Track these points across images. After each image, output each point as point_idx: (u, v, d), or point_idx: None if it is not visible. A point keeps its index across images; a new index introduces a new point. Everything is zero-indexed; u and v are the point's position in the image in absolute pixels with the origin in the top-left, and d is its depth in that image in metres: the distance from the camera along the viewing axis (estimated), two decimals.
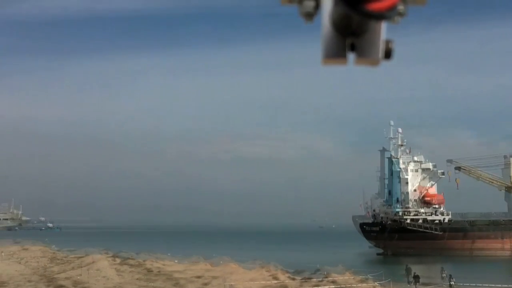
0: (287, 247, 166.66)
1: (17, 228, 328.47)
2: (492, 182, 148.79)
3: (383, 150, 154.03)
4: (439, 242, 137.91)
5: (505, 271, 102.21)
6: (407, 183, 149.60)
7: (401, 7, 2.38)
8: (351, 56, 2.51)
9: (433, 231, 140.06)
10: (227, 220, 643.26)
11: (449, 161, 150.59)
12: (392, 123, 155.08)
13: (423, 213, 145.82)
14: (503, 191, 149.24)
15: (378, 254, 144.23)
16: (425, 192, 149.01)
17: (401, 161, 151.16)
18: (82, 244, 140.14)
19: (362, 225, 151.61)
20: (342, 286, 45.44)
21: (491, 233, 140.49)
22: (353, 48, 2.48)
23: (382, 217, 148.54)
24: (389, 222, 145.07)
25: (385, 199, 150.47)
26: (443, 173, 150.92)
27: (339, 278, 48.81)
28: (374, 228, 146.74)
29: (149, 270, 61.92)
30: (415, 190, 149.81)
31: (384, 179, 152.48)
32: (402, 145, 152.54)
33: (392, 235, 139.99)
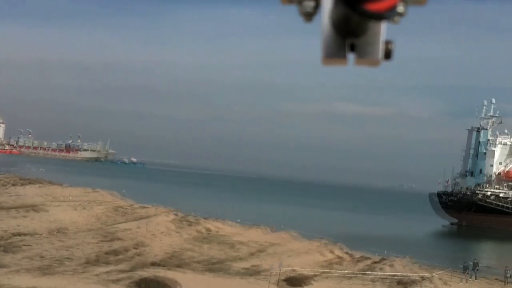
0: (362, 209, 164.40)
1: (102, 159, 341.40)
2: None
3: (472, 130, 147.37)
4: None
5: None
6: (493, 157, 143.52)
7: (401, 7, 2.30)
8: (351, 56, 2.43)
9: (510, 210, 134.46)
10: (317, 174, 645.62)
11: None
12: (493, 100, 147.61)
13: (505, 187, 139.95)
14: None
15: (451, 224, 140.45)
16: (510, 167, 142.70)
17: (489, 132, 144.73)
18: (158, 186, 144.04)
19: (439, 194, 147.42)
20: (398, 274, 43.28)
21: None
22: (353, 48, 2.43)
23: (461, 188, 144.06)
24: (468, 193, 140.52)
25: (475, 179, 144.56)
26: None
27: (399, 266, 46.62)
28: (452, 198, 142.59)
29: (208, 230, 61.52)
30: (500, 163, 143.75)
31: (472, 158, 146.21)
32: (493, 117, 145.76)
33: (470, 207, 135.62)
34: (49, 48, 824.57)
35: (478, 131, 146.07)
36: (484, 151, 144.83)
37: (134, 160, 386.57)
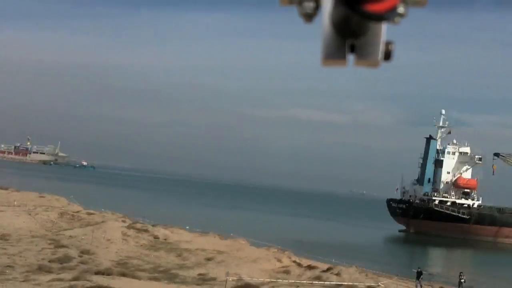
0: (318, 215, 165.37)
1: (52, 163, 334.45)
2: None
3: (429, 138, 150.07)
4: (464, 226, 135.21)
5: None
6: (448, 172, 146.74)
7: (401, 8, 2.32)
8: (351, 57, 2.45)
9: (459, 215, 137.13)
10: (277, 180, 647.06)
11: (496, 154, 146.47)
12: (443, 111, 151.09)
13: (453, 195, 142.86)
14: None
15: (400, 231, 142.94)
16: (458, 175, 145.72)
17: (447, 150, 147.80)
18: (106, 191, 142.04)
19: (389, 201, 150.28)
20: (344, 284, 43.48)
21: None
22: (353, 49, 2.43)
23: (410, 196, 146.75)
24: (416, 201, 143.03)
25: (424, 187, 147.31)
26: (480, 159, 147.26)
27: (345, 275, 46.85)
28: (400, 205, 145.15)
29: (156, 237, 60.77)
30: (448, 173, 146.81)
31: (426, 166, 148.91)
32: (443, 127, 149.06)
33: (418, 214, 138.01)
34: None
35: (432, 139, 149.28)
36: (434, 160, 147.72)
37: (85, 163, 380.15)
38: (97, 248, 53.32)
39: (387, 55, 2.44)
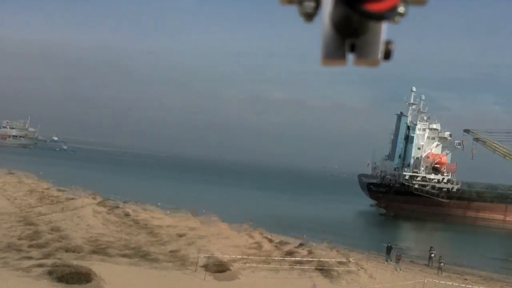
0: (288, 195, 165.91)
1: (31, 146, 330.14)
2: (505, 157, 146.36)
3: (401, 115, 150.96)
4: (443, 209, 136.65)
5: (501, 246, 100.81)
6: (419, 148, 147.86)
7: (401, 8, 2.30)
8: (350, 56, 2.43)
9: (438, 198, 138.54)
10: (239, 156, 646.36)
11: (466, 131, 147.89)
12: (414, 89, 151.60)
13: (432, 179, 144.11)
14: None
15: (380, 214, 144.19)
16: (437, 159, 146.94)
17: (417, 127, 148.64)
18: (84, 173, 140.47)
19: (368, 185, 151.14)
20: (315, 260, 43.74)
21: (496, 205, 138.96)
22: (353, 48, 2.42)
23: (390, 179, 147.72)
24: (396, 185, 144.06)
25: (395, 163, 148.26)
26: (459, 144, 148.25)
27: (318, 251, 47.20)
28: (381, 189, 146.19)
29: (127, 215, 60.38)
30: (428, 157, 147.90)
31: (397, 142, 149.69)
32: (422, 112, 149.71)
33: (397, 198, 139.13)
34: None
35: (407, 124, 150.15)
36: (405, 136, 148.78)
37: (65, 147, 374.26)
38: (67, 226, 52.80)
39: (387, 55, 2.42)
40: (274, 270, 43.36)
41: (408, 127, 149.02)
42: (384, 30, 2.37)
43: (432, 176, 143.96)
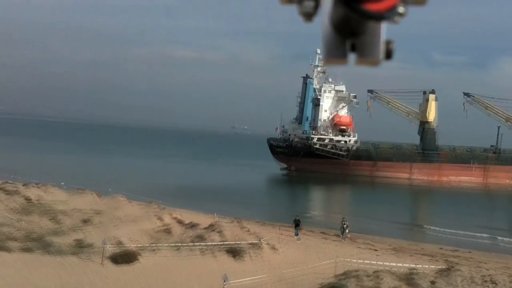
0: (200, 161, 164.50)
1: None
2: (408, 115, 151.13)
3: (306, 77, 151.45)
4: (344, 168, 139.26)
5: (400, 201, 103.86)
6: (326, 111, 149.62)
7: (401, 8, 2.31)
8: (351, 56, 2.44)
9: (339, 158, 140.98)
10: (145, 117, 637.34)
11: (370, 91, 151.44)
12: (318, 51, 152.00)
13: (330, 133, 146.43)
14: (414, 124, 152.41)
15: (281, 169, 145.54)
16: (335, 113, 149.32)
17: (323, 89, 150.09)
18: None
19: (269, 140, 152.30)
20: (225, 243, 42.79)
21: (396, 162, 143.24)
22: (353, 48, 2.43)
23: (290, 135, 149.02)
24: (296, 139, 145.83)
25: (304, 126, 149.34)
26: (355, 96, 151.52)
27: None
28: (282, 145, 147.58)
29: (28, 199, 57.20)
30: (326, 111, 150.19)
31: (304, 105, 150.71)
32: (324, 72, 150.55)
33: (304, 160, 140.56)
34: None
35: (309, 78, 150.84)
36: (312, 99, 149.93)
37: None
38: None
39: (388, 54, 2.40)
40: (175, 249, 42.25)
41: (315, 90, 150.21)
42: (384, 30, 2.33)
43: (340, 137, 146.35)
